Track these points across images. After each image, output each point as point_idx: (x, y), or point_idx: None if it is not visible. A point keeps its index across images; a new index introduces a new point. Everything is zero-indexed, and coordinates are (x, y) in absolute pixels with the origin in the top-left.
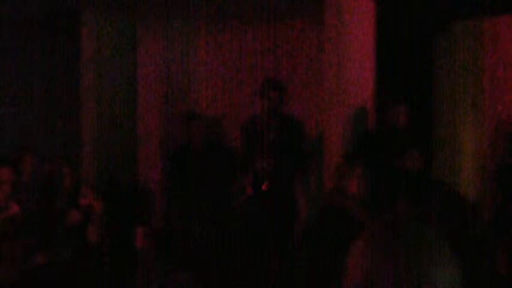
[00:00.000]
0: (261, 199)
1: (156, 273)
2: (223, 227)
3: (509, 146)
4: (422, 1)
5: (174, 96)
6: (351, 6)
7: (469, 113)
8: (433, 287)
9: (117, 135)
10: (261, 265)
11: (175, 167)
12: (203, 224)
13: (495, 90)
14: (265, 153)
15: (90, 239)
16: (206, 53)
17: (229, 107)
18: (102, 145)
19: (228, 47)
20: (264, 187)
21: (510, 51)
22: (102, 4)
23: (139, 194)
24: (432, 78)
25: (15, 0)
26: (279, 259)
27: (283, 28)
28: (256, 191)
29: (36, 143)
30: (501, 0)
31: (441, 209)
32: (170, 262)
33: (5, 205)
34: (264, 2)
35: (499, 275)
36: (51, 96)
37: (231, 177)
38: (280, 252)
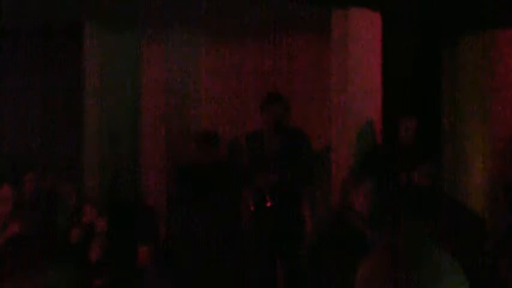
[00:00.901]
0: (264, 217)
1: None
2: (229, 247)
3: None
4: (430, 13)
5: (178, 111)
6: (357, 18)
7: (478, 127)
8: None
9: (120, 149)
10: (266, 286)
11: (183, 184)
12: (208, 243)
13: (505, 103)
14: (268, 168)
15: (92, 257)
16: (208, 66)
17: (231, 122)
18: (105, 160)
19: (230, 61)
20: (267, 204)
21: None
22: (105, 16)
23: (143, 210)
24: (441, 91)
25: (16, 13)
26: (285, 279)
27: (288, 40)
28: (259, 208)
29: (37, 158)
30: (510, 12)
31: (452, 227)
32: (174, 282)
33: (6, 224)
34: (268, 13)
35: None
36: (52, 109)
37: (237, 195)
38: (286, 271)
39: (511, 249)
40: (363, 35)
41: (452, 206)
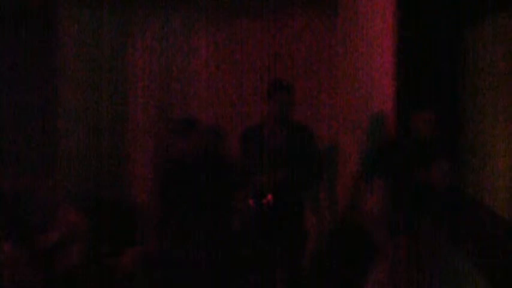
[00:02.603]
0: (264, 217)
1: None
2: (223, 249)
3: None
4: None
5: (169, 100)
6: None
7: (502, 120)
8: None
9: (103, 142)
10: None
11: (169, 180)
12: (200, 246)
13: None
14: (269, 164)
15: (72, 261)
16: (206, 51)
17: (230, 113)
18: (86, 154)
19: (230, 45)
20: (266, 201)
21: None
22: None
23: (128, 210)
24: (460, 81)
25: None
26: (285, 286)
27: (292, 24)
28: (258, 206)
29: (9, 153)
30: None
31: (474, 229)
32: None
33: None
34: None
35: None
36: (25, 99)
37: (232, 192)
38: (287, 278)
39: None
40: (375, 14)
41: (474, 206)
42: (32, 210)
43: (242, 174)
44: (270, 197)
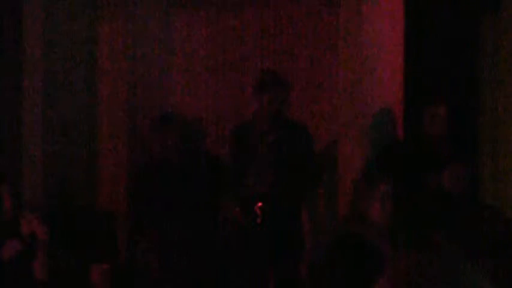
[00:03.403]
0: (254, 226)
1: None
2: (206, 264)
3: None
4: None
5: (144, 94)
6: None
7: None
8: None
9: (70, 143)
10: None
11: (144, 184)
12: (179, 260)
13: None
14: (261, 167)
15: (35, 275)
16: (187, 37)
17: (214, 108)
18: (51, 156)
19: (216, 31)
20: (257, 208)
21: None
22: None
23: (97, 219)
24: (477, 73)
25: None
26: None
27: (288, 9)
28: (246, 215)
29: None
30: None
31: (491, 241)
32: None
33: None
34: None
35: None
36: None
37: (217, 198)
38: None
39: None
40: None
41: (492, 215)
42: None
43: (230, 178)
44: (259, 204)
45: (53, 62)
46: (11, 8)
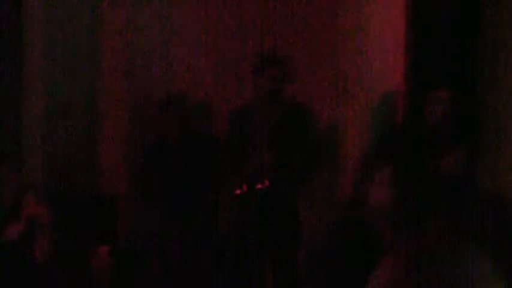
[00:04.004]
0: (252, 209)
1: None
2: (209, 242)
3: None
4: None
5: (146, 75)
6: None
7: None
8: None
9: (71, 125)
10: None
11: (148, 165)
12: (183, 240)
13: None
14: (261, 146)
15: (37, 256)
16: (187, 18)
17: (215, 88)
18: (52, 138)
19: (216, 11)
20: (259, 186)
21: None
22: None
23: (100, 201)
24: (480, 56)
25: None
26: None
27: None
28: (249, 191)
29: None
30: None
31: (492, 227)
32: None
33: None
34: None
35: None
36: None
37: (220, 178)
38: (278, 280)
39: None
40: None
41: (493, 201)
42: None
43: (232, 158)
44: (266, 181)
45: (53, 44)
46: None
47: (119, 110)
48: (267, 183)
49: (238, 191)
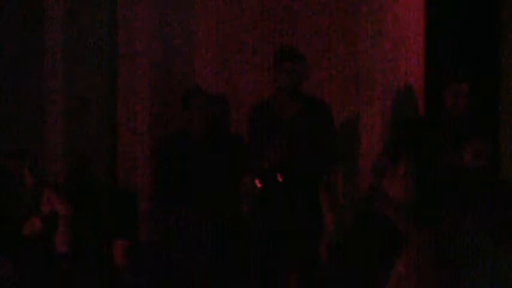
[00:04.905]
0: (272, 203)
1: None
2: (229, 238)
3: None
4: None
5: (165, 71)
6: None
7: None
8: None
9: (91, 121)
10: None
11: (168, 160)
12: (203, 235)
13: None
14: (280, 141)
15: (57, 248)
16: (206, 14)
17: (235, 84)
18: (72, 134)
19: (237, 6)
20: (279, 178)
21: None
22: None
23: (119, 196)
24: (500, 49)
25: None
26: (297, 281)
27: None
28: (266, 189)
29: None
30: None
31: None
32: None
33: None
34: None
35: None
36: (4, 72)
37: (240, 173)
38: (300, 275)
39: None
40: None
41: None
42: (13, 195)
43: (251, 154)
44: (279, 177)
45: (74, 40)
46: None
47: (138, 104)
48: (280, 178)
49: (259, 184)
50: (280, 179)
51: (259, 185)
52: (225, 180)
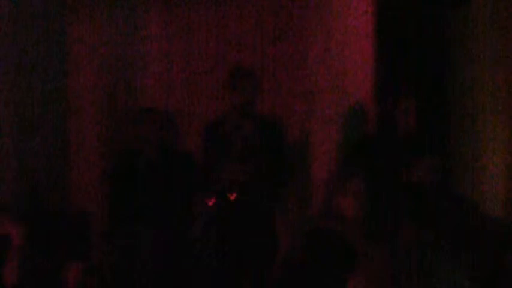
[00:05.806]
0: (225, 221)
1: None
2: (181, 259)
3: None
4: None
5: (116, 89)
6: None
7: (498, 110)
8: None
9: (41, 140)
10: None
11: (120, 180)
12: (156, 256)
13: None
14: (234, 160)
15: (7, 280)
16: (158, 31)
17: (187, 102)
18: (21, 154)
19: (187, 24)
20: (232, 197)
21: None
22: None
23: (72, 217)
24: (449, 65)
25: None
26: None
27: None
28: (220, 205)
29: None
30: None
31: (462, 233)
32: None
33: None
34: None
35: None
36: None
37: (189, 195)
38: None
39: None
40: None
41: (465, 208)
42: None
43: (204, 172)
44: (233, 196)
45: (24, 59)
46: None
47: (89, 125)
48: (232, 197)
49: (210, 203)
50: (232, 198)
51: (210, 204)
52: (177, 199)
